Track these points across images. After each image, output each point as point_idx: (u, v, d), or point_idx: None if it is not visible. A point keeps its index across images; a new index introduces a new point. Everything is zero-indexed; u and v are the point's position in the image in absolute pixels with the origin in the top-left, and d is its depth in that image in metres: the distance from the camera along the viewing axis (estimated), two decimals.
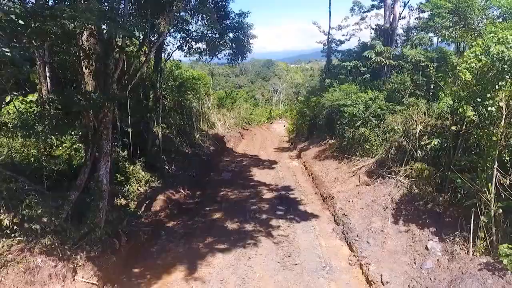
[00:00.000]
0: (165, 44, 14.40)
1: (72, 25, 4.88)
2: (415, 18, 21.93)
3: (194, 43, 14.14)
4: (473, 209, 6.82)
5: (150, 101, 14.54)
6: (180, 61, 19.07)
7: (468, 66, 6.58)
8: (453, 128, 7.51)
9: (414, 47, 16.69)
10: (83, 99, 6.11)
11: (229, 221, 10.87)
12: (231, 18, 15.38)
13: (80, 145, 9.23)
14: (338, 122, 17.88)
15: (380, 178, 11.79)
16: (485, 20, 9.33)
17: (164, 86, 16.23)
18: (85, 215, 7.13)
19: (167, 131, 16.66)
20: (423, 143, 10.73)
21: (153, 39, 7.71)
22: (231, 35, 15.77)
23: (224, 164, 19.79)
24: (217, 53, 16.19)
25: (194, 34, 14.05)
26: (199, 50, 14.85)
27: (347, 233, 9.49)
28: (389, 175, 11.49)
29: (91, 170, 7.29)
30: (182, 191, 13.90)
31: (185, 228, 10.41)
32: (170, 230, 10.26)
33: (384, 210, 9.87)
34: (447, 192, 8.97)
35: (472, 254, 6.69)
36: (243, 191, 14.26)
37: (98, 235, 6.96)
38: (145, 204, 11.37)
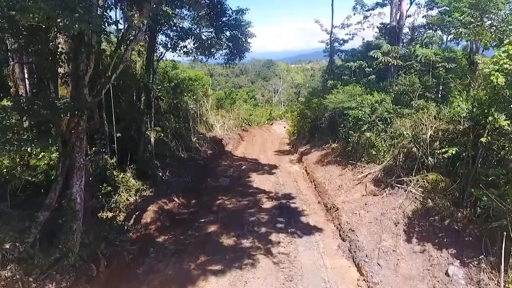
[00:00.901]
0: (157, 43, 13.45)
1: (23, 18, 4.00)
2: (422, 16, 21.00)
3: (181, 41, 12.93)
4: (505, 232, 5.90)
5: (142, 103, 13.63)
6: (175, 61, 18.07)
7: (499, 67, 5.66)
8: (483, 140, 6.56)
9: (424, 46, 15.71)
10: (43, 107, 5.18)
11: (225, 235, 9.98)
12: (228, 15, 14.39)
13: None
14: (342, 126, 16.96)
15: (388, 187, 10.89)
16: (510, 16, 8.40)
17: (160, 87, 15.34)
18: (57, 237, 6.23)
19: (162, 134, 15.75)
20: (437, 151, 9.81)
21: (131, 36, 6.79)
22: (228, 33, 14.75)
23: (222, 169, 18.86)
24: (211, 52, 15.11)
25: (179, 30, 12.84)
26: (185, 49, 13.62)
27: (354, 251, 8.56)
28: (398, 185, 10.60)
29: (63, 186, 6.38)
30: (176, 199, 13.02)
31: (176, 244, 9.52)
32: (160, 246, 9.35)
33: (396, 226, 8.96)
34: (465, 207, 8.08)
35: (504, 286, 5.78)
36: (241, 200, 13.36)
37: (71, 261, 6.05)
38: (134, 216, 10.53)
